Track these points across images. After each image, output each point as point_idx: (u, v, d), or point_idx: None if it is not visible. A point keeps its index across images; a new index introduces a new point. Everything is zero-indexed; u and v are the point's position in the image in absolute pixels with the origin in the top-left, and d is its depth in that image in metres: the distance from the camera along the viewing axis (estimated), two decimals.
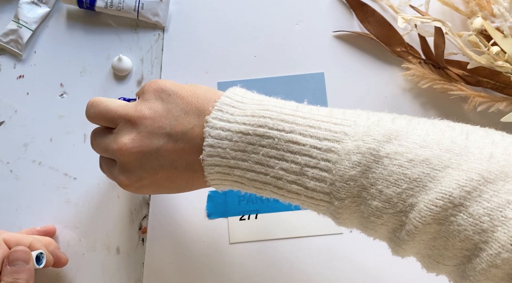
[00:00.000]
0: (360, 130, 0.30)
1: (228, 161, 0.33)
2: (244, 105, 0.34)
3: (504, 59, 0.44)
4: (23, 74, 0.50)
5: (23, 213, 0.48)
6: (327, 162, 0.30)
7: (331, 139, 0.31)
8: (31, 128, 0.49)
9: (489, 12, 0.46)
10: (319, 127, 0.32)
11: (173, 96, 0.35)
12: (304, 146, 0.31)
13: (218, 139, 0.33)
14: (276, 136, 0.32)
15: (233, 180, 0.34)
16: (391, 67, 0.50)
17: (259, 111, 0.33)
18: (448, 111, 0.49)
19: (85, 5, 0.49)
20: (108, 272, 0.46)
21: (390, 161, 0.29)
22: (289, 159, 0.31)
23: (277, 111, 0.33)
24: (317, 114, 0.33)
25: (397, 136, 0.30)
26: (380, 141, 0.29)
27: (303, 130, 0.32)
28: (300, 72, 0.50)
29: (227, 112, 0.34)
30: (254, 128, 0.32)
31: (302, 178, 0.31)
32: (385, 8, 0.51)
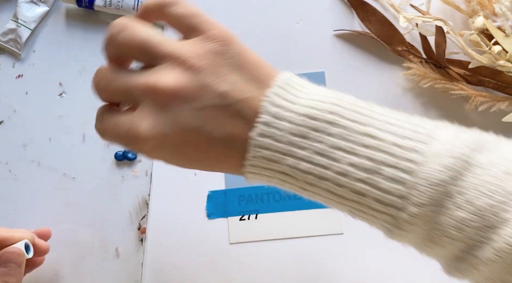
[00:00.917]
0: (446, 133, 0.28)
1: (282, 146, 0.28)
2: (308, 89, 0.30)
3: (506, 59, 0.44)
4: (22, 74, 0.50)
5: (22, 213, 0.47)
6: (410, 162, 0.26)
7: (415, 139, 0.27)
8: (30, 128, 0.49)
9: (491, 11, 0.46)
10: (400, 125, 0.28)
11: (240, 57, 0.30)
12: (383, 141, 0.27)
13: (276, 119, 0.28)
14: (349, 126, 0.27)
15: (280, 170, 0.28)
16: (392, 66, 0.49)
17: (329, 97, 0.29)
18: (449, 110, 0.48)
19: (84, 4, 0.49)
20: (107, 272, 0.46)
21: (483, 171, 0.26)
22: (361, 154, 0.27)
23: (350, 102, 0.29)
24: (393, 113, 0.29)
25: (486, 147, 0.27)
26: (472, 149, 0.27)
27: (381, 125, 0.27)
28: (300, 71, 0.50)
29: (289, 92, 0.29)
30: (323, 114, 0.28)
31: (374, 177, 0.27)
32: (386, 7, 0.50)
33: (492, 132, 0.48)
